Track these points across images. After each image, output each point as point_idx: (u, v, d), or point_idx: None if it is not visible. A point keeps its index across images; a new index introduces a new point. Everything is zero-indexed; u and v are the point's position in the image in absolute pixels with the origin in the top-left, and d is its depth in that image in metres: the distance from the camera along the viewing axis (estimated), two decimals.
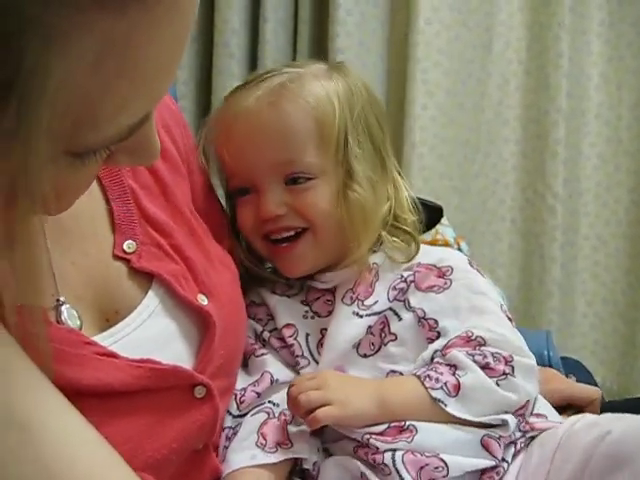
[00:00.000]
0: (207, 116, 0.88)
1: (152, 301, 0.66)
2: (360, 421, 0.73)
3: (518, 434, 0.75)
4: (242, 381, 0.80)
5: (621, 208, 2.03)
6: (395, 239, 0.84)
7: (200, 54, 1.83)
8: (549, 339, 1.19)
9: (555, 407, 0.84)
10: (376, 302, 0.80)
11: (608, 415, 0.75)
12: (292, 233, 0.81)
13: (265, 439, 0.74)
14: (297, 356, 0.81)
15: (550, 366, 1.08)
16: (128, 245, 0.67)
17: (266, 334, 0.83)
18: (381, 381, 0.77)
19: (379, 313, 0.80)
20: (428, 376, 0.74)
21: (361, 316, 0.80)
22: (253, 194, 0.82)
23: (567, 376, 1.06)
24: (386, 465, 0.70)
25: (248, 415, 0.77)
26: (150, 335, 0.64)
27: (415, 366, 0.77)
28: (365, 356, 0.79)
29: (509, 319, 0.80)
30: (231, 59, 1.76)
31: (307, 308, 0.84)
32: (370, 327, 0.79)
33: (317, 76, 0.84)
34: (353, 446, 0.74)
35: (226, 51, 1.76)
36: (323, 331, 0.81)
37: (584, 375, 1.31)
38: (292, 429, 0.75)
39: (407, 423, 0.72)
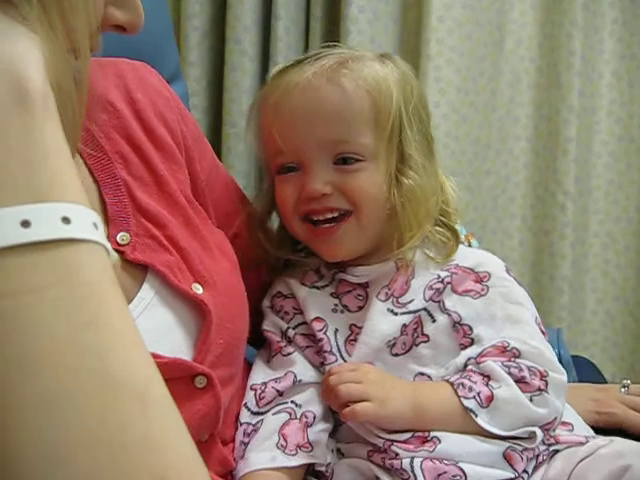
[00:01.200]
0: (218, 113, 0.87)
1: (148, 293, 0.66)
2: (393, 423, 0.72)
3: (542, 447, 0.74)
4: (263, 375, 0.80)
5: (632, 206, 2.03)
6: (440, 233, 0.82)
7: (212, 51, 1.83)
8: (560, 337, 1.19)
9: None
10: (412, 300, 0.79)
11: (636, 448, 0.73)
12: (335, 215, 0.79)
13: (286, 440, 0.74)
14: (325, 352, 0.79)
15: (560, 364, 1.08)
16: (122, 237, 0.66)
17: (291, 332, 0.82)
18: (417, 384, 0.76)
19: (414, 312, 0.78)
20: (462, 384, 0.73)
21: (396, 313, 0.78)
22: (298, 172, 0.80)
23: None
24: (404, 470, 0.70)
25: (269, 413, 0.77)
26: (148, 327, 0.63)
27: (447, 372, 0.76)
28: (396, 355, 0.78)
29: (542, 332, 0.79)
30: (243, 56, 1.76)
31: (337, 301, 0.82)
32: (405, 326, 0.78)
33: (374, 60, 0.82)
34: (368, 450, 0.74)
35: (238, 48, 1.76)
36: (352, 327, 0.80)
37: (594, 374, 1.32)
38: (312, 431, 0.75)
39: (431, 434, 0.71)
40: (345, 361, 0.79)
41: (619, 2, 1.97)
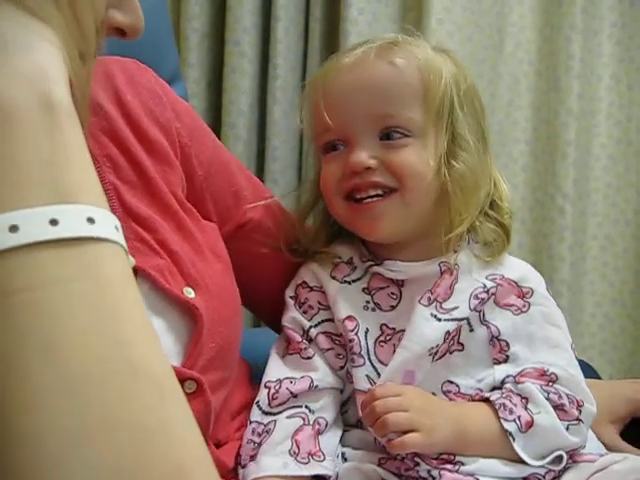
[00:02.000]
0: (218, 114, 0.86)
1: None
2: (437, 449, 0.70)
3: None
4: (278, 371, 0.78)
5: (630, 209, 2.03)
6: (490, 228, 0.80)
7: (211, 53, 1.83)
8: None
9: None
10: (456, 307, 0.76)
11: None
12: (379, 192, 0.76)
13: (298, 447, 0.72)
14: (354, 353, 0.77)
15: None
16: None
17: (313, 331, 0.79)
18: (460, 407, 0.74)
19: (459, 320, 0.76)
20: (503, 405, 0.72)
21: (439, 319, 0.75)
22: (344, 149, 0.78)
23: None
24: (423, 478, 0.69)
25: (283, 416, 0.75)
26: None
27: (478, 384, 0.75)
28: (432, 362, 0.76)
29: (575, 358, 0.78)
30: (242, 58, 1.76)
31: (368, 298, 0.79)
32: (448, 333, 0.75)
33: (427, 46, 0.80)
34: (379, 457, 0.73)
35: (237, 50, 1.76)
36: (383, 327, 0.77)
37: (592, 377, 1.32)
38: (324, 439, 0.74)
39: (456, 458, 0.70)
40: (372, 364, 0.76)
41: (618, 5, 1.97)
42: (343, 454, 0.76)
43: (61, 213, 0.34)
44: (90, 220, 0.35)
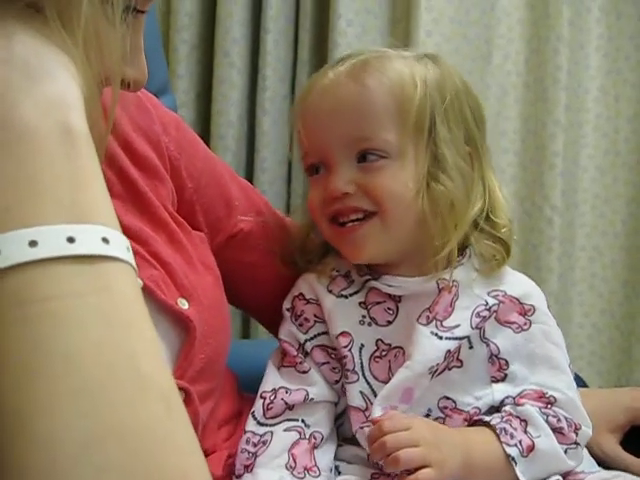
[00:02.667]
0: (207, 125, 0.86)
1: None
2: None
3: None
4: (274, 382, 0.77)
5: (618, 220, 2.04)
6: (487, 245, 0.78)
7: (200, 64, 1.83)
8: None
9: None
10: (458, 326, 0.75)
11: None
12: (360, 216, 0.75)
13: (295, 461, 0.72)
14: (347, 370, 0.76)
15: None
16: None
17: (308, 345, 0.79)
18: (465, 434, 0.73)
19: (460, 339, 0.75)
20: (504, 430, 0.71)
21: (440, 337, 0.75)
22: (324, 172, 0.78)
23: None
24: None
25: (280, 428, 0.75)
26: None
27: (476, 402, 0.74)
28: (430, 379, 0.75)
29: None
30: (232, 68, 1.76)
31: (365, 312, 0.78)
32: (449, 352, 0.74)
33: (405, 57, 0.79)
34: (372, 472, 0.73)
35: (227, 61, 1.76)
36: (378, 342, 0.77)
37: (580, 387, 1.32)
38: (319, 453, 0.74)
39: None
40: (366, 380, 0.76)
41: (605, 18, 1.99)
42: (337, 467, 0.76)
43: (78, 232, 0.36)
44: (104, 240, 0.37)
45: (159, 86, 1.19)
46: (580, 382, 1.43)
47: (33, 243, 0.35)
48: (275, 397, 0.76)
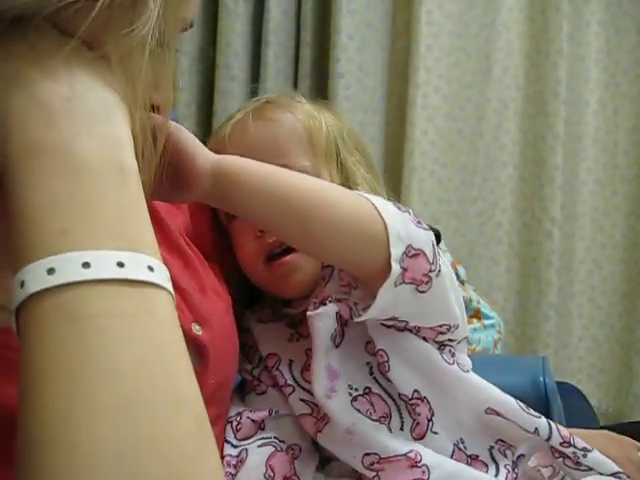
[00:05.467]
0: (207, 137, 0.87)
1: None
2: None
3: None
4: (237, 407, 0.79)
5: (617, 232, 2.05)
6: None
7: (201, 76, 1.84)
8: (545, 365, 1.19)
9: None
10: None
11: None
12: (286, 247, 0.78)
13: (273, 472, 0.72)
14: (282, 385, 0.78)
15: (546, 393, 1.09)
16: None
17: (256, 372, 0.82)
18: None
19: None
20: None
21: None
22: None
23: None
24: None
25: (255, 445, 0.75)
26: None
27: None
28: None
29: None
30: (233, 81, 1.78)
31: (293, 331, 0.82)
32: (339, 314, 0.78)
33: (301, 101, 0.85)
34: None
35: (228, 73, 1.77)
36: (308, 352, 0.78)
37: (580, 401, 1.32)
38: (299, 464, 0.74)
39: (422, 461, 0.70)
40: (302, 387, 0.77)
41: (604, 32, 2.00)
42: None
43: (127, 258, 0.40)
44: (150, 268, 0.41)
45: None
46: (579, 394, 1.43)
47: (86, 265, 0.38)
48: (241, 418, 0.77)
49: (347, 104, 1.77)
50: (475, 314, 1.55)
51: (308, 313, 0.78)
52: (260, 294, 0.88)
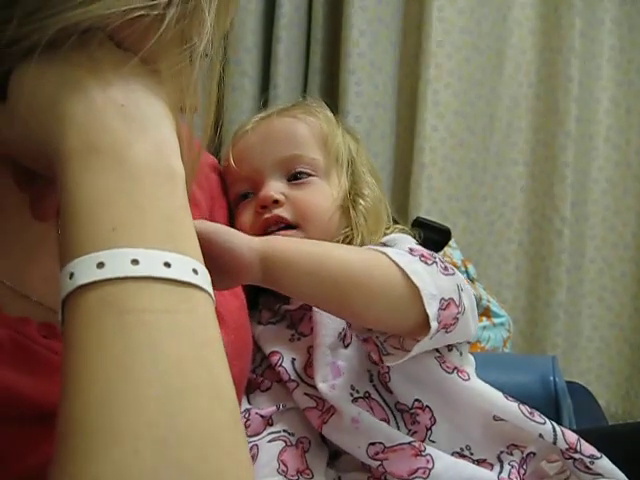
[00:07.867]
0: (218, 134, 0.90)
1: None
2: None
3: None
4: (244, 406, 0.79)
5: (628, 232, 2.04)
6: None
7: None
8: (555, 365, 1.18)
9: None
10: None
11: None
12: (283, 226, 0.82)
13: (286, 466, 0.73)
14: (286, 381, 0.79)
15: (556, 392, 1.08)
16: None
17: (259, 370, 0.82)
18: None
19: None
20: None
21: None
22: (254, 196, 0.85)
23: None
24: None
25: (264, 440, 0.76)
26: None
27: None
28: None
29: None
30: (244, 77, 1.77)
31: (293, 331, 0.83)
32: None
33: (326, 110, 0.93)
34: (367, 476, 0.73)
35: (239, 69, 1.77)
36: (309, 349, 0.79)
37: (589, 401, 1.31)
38: (310, 457, 0.74)
39: (426, 451, 0.71)
40: (305, 382, 0.78)
41: (617, 29, 1.99)
42: (340, 478, 0.76)
43: (174, 259, 0.42)
44: (194, 271, 0.42)
45: None
46: (588, 395, 1.42)
47: (135, 262, 0.40)
48: (249, 414, 0.78)
49: (358, 100, 1.77)
50: (485, 312, 1.55)
51: (314, 309, 0.79)
52: (256, 299, 0.89)
